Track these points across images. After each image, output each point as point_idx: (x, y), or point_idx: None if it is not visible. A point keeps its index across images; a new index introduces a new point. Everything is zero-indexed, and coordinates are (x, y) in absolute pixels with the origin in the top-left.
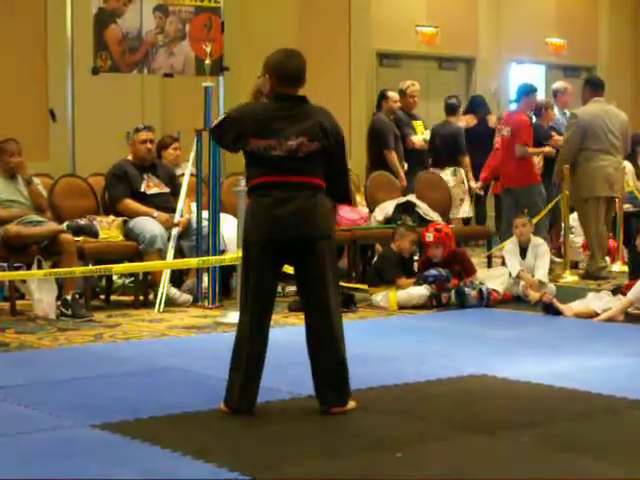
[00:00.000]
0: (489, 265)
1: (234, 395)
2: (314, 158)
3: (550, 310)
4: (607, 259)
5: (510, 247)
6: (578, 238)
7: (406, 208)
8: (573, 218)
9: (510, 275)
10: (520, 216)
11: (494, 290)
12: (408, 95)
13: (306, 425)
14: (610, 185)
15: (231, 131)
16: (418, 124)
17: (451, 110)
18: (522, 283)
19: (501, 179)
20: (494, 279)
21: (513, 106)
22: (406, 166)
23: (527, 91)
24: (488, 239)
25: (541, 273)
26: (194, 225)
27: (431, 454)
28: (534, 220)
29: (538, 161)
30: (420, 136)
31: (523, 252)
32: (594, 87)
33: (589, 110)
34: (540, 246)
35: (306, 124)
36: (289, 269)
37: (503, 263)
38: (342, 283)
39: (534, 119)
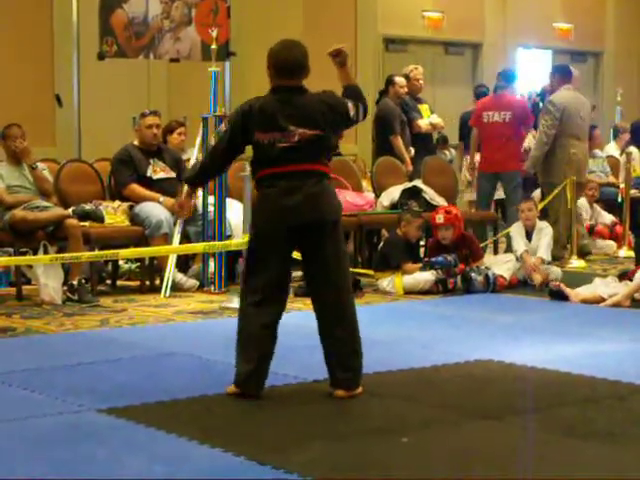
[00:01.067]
0: (495, 251)
1: (241, 378)
2: (317, 144)
3: (557, 295)
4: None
5: (516, 229)
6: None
7: (412, 193)
8: (581, 203)
9: (516, 259)
10: (526, 200)
11: (500, 276)
12: (412, 79)
13: (312, 409)
14: (578, 171)
15: (235, 136)
16: (424, 108)
17: (482, 97)
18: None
19: (486, 163)
20: (501, 265)
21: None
22: (412, 151)
23: (516, 78)
24: (494, 224)
25: (542, 251)
26: (200, 210)
27: (437, 439)
28: (540, 205)
29: None
30: (426, 120)
31: (528, 236)
32: (563, 75)
33: (564, 97)
34: (544, 229)
35: (306, 114)
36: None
37: (508, 249)
38: None
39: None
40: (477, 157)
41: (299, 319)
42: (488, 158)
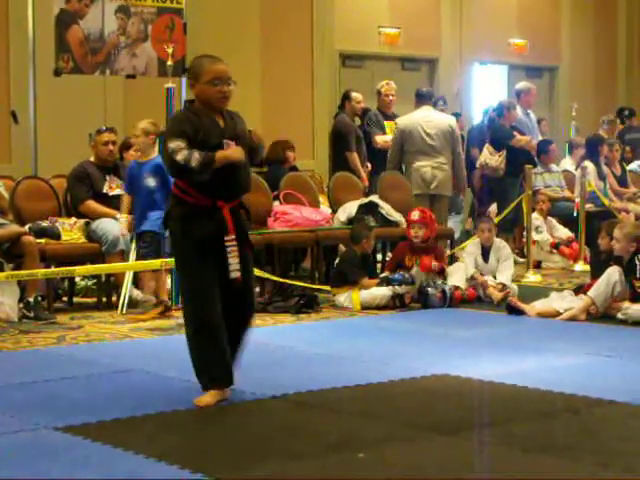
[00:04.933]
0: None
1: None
2: None
3: (514, 310)
4: None
5: (471, 249)
6: (546, 236)
7: (369, 209)
8: (536, 217)
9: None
10: (484, 221)
11: (457, 287)
12: (383, 94)
13: (270, 426)
14: (426, 184)
15: None
16: (391, 124)
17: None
18: (481, 285)
19: None
20: (452, 275)
21: None
22: (370, 166)
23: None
24: (451, 238)
25: (505, 277)
26: None
27: (394, 454)
28: (496, 219)
29: (501, 161)
30: (386, 136)
31: (485, 253)
32: (419, 98)
33: (408, 117)
34: (503, 249)
35: None
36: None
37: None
38: (305, 284)
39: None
40: None
41: (256, 335)
42: None
